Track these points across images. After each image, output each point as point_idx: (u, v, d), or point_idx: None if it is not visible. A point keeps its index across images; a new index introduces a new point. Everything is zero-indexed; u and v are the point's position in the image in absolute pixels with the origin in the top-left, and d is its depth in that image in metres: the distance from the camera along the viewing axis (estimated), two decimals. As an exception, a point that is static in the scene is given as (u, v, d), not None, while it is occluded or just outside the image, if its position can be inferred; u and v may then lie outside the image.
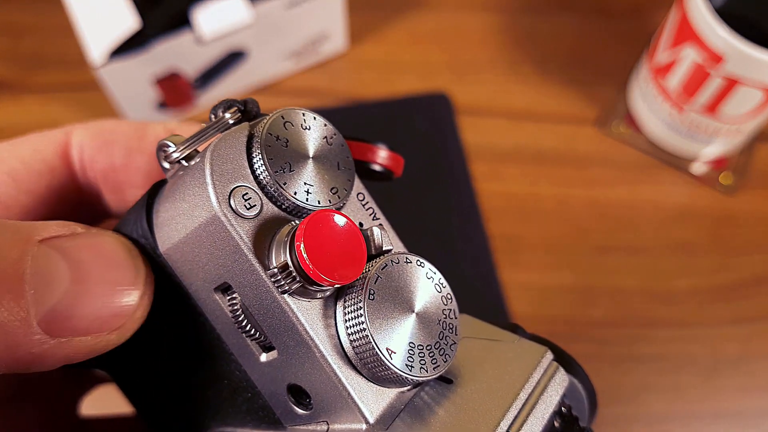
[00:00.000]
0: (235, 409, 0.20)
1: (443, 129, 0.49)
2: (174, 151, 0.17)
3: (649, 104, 0.46)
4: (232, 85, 0.49)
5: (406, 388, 0.17)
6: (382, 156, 0.19)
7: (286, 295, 0.16)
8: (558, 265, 0.44)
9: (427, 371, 0.16)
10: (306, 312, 0.16)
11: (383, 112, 0.49)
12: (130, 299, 0.17)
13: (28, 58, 0.51)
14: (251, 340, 0.17)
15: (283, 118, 0.17)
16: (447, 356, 0.17)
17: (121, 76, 0.43)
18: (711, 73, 0.40)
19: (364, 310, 0.16)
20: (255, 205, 0.16)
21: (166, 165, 0.18)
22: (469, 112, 0.50)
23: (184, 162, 0.17)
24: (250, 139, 0.16)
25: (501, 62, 0.52)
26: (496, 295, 0.43)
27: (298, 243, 0.15)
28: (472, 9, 0.54)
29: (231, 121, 0.17)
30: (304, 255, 0.15)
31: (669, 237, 0.46)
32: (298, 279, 0.15)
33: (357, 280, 0.16)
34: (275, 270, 0.15)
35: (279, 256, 0.15)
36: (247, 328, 0.17)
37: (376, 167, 0.19)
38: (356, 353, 0.16)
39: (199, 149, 0.17)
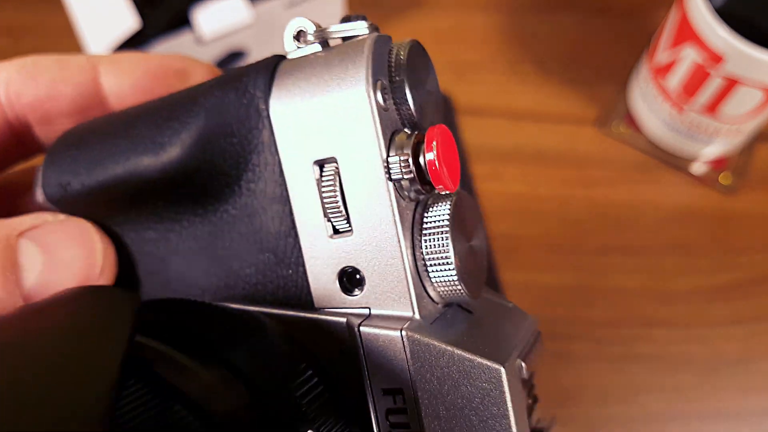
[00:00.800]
0: (260, 285, 0.20)
1: (443, 129, 0.49)
2: (312, 34, 0.19)
3: (649, 104, 0.46)
4: (232, 85, 0.49)
5: (441, 304, 0.19)
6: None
7: (391, 183, 0.17)
8: (558, 265, 0.44)
9: (471, 292, 0.18)
10: (400, 205, 0.18)
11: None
12: (94, 271, 0.20)
13: (28, 58, 0.51)
14: (328, 218, 0.18)
15: (417, 44, 0.19)
16: (480, 287, 0.19)
17: (121, 76, 0.43)
18: (711, 73, 0.40)
19: (449, 222, 0.18)
20: (387, 101, 0.18)
21: (294, 45, 0.20)
22: (470, 112, 0.50)
23: (318, 46, 0.19)
24: (391, 48, 0.18)
25: (501, 62, 0.52)
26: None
27: (430, 142, 0.17)
28: (472, 9, 0.54)
29: (366, 30, 0.19)
30: (435, 154, 0.17)
31: (669, 237, 0.46)
32: (412, 171, 0.17)
33: (442, 196, 0.18)
34: (396, 158, 0.17)
35: (399, 150, 0.17)
36: (333, 205, 0.18)
37: None
38: (426, 256, 0.18)
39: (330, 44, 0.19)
